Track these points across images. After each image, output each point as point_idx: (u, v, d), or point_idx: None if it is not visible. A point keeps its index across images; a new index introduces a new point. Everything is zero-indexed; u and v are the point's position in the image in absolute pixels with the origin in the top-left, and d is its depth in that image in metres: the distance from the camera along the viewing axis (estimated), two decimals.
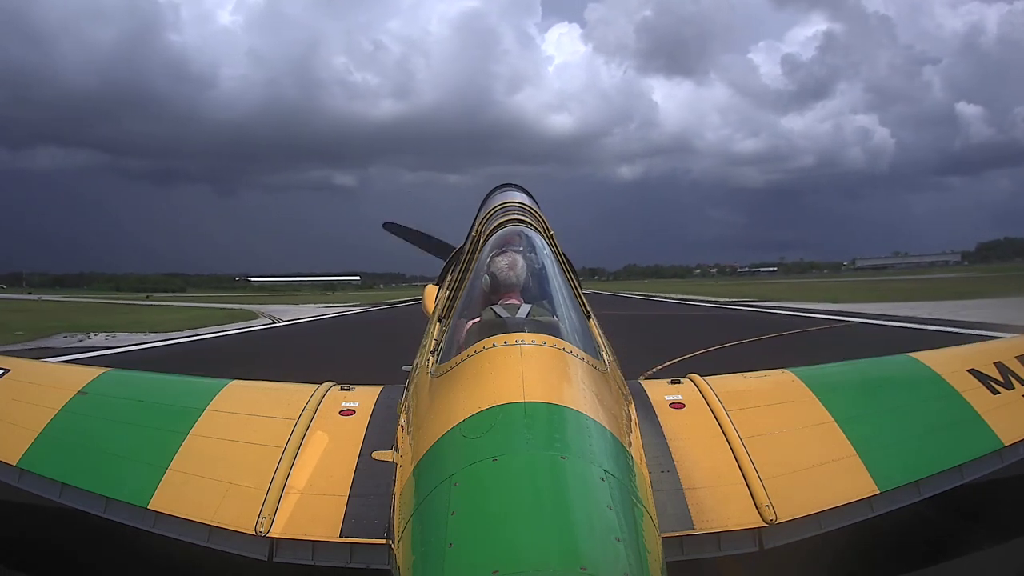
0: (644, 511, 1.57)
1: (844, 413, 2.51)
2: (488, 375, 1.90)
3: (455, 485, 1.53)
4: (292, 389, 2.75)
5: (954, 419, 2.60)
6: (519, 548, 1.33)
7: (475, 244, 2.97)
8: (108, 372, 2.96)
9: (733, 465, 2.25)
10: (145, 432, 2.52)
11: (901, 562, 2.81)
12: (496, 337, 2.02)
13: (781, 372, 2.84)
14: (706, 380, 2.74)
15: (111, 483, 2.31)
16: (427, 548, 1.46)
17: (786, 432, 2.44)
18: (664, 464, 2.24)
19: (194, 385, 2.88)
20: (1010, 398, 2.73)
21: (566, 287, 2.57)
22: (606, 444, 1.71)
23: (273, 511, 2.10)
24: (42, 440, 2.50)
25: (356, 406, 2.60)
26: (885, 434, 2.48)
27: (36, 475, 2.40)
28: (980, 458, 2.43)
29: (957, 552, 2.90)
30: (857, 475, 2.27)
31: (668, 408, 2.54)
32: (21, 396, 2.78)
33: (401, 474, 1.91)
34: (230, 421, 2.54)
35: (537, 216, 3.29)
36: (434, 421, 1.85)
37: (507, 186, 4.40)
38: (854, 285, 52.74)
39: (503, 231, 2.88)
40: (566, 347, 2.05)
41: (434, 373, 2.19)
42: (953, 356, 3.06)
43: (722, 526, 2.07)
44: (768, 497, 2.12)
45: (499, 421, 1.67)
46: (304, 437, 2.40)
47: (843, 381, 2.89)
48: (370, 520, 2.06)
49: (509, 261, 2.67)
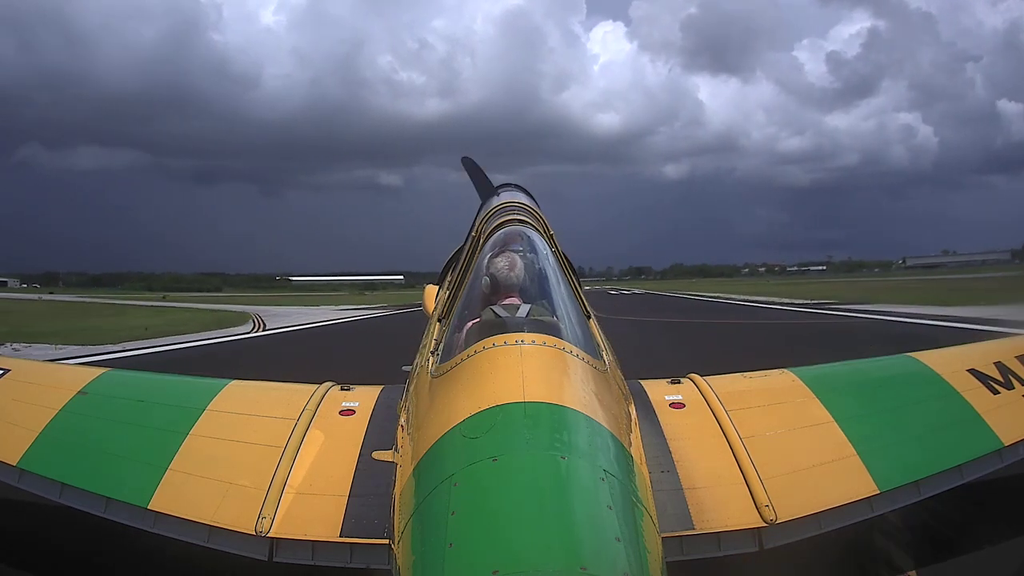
0: (644, 511, 1.57)
1: (844, 413, 2.51)
2: (488, 375, 1.90)
3: (455, 485, 1.53)
4: (292, 389, 2.75)
5: (954, 419, 2.60)
6: (519, 548, 1.33)
7: (475, 244, 2.97)
8: (108, 372, 2.96)
9: (733, 465, 2.25)
10: (145, 432, 2.52)
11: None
12: (496, 337, 2.02)
13: (781, 372, 2.84)
14: (706, 380, 2.74)
15: (111, 483, 2.32)
16: (427, 548, 1.46)
17: (786, 432, 2.44)
18: (664, 464, 2.24)
19: (194, 385, 2.88)
20: (1010, 398, 2.73)
21: (566, 287, 2.57)
22: (606, 444, 1.71)
23: (273, 511, 2.10)
24: (42, 440, 2.50)
25: (356, 406, 2.60)
26: (885, 434, 2.48)
27: (36, 475, 2.40)
28: (980, 458, 2.43)
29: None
30: (857, 475, 2.27)
31: (668, 408, 2.54)
32: (21, 396, 2.78)
33: (401, 474, 1.91)
34: (230, 421, 2.54)
35: (537, 216, 3.29)
36: (434, 421, 1.85)
37: (507, 186, 4.41)
38: (924, 285, 47.37)
39: (503, 231, 2.88)
40: (566, 347, 2.06)
41: (434, 373, 2.19)
42: (953, 356, 3.06)
43: (722, 526, 2.07)
44: (768, 497, 2.12)
45: (499, 421, 1.67)
46: (304, 437, 2.40)
47: (843, 381, 2.88)
48: (370, 520, 2.06)
49: (509, 261, 2.67)
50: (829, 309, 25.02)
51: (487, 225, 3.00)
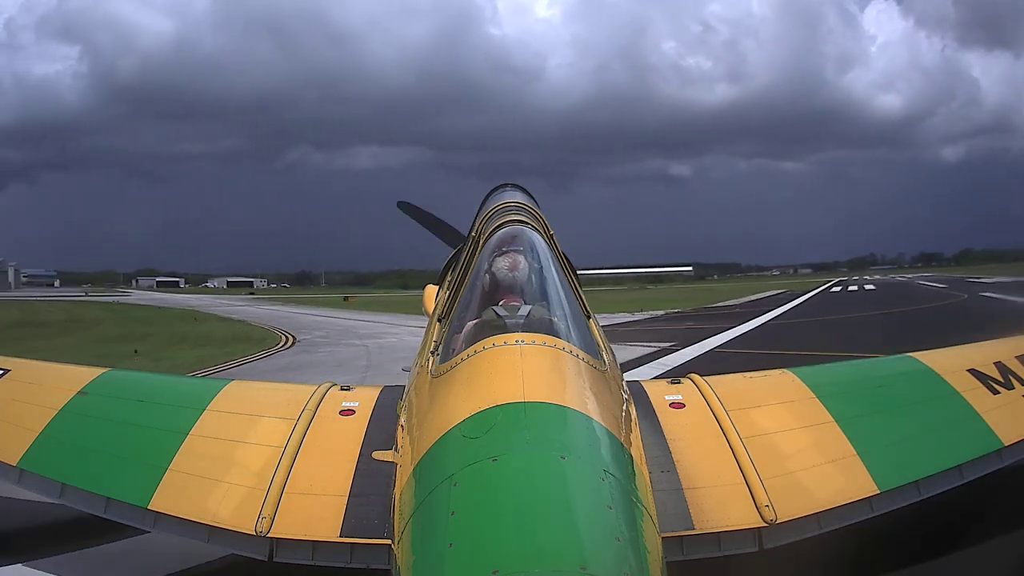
0: (644, 511, 1.57)
1: (844, 413, 2.50)
2: (488, 375, 1.90)
3: (455, 485, 1.52)
4: (292, 389, 2.75)
5: (954, 419, 2.59)
6: (519, 548, 1.33)
7: (475, 244, 2.97)
8: (108, 372, 2.96)
9: (733, 465, 2.25)
10: (145, 432, 2.52)
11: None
12: (496, 337, 2.02)
13: (781, 372, 2.83)
14: (706, 380, 2.74)
15: (111, 483, 2.31)
16: (427, 548, 1.46)
17: (786, 432, 2.43)
18: (664, 464, 2.24)
19: (194, 385, 2.89)
20: (1010, 398, 2.73)
21: (566, 287, 2.57)
22: (606, 444, 1.71)
23: (273, 511, 2.10)
24: (42, 440, 2.50)
25: (356, 406, 2.60)
26: (885, 434, 2.48)
27: (36, 475, 2.40)
28: (980, 458, 2.43)
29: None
30: (857, 475, 2.27)
31: (668, 408, 2.54)
32: (21, 396, 2.78)
33: (401, 474, 1.91)
34: (230, 421, 2.54)
35: (537, 216, 3.29)
36: (434, 421, 1.85)
37: (507, 186, 4.40)
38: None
39: (503, 231, 2.88)
40: (566, 347, 2.05)
41: (434, 373, 2.19)
42: (953, 356, 3.06)
43: (722, 526, 2.07)
44: (768, 497, 2.12)
45: (499, 421, 1.67)
46: (304, 437, 2.39)
47: (843, 381, 2.88)
48: (370, 520, 2.05)
49: (510, 262, 2.67)
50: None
51: (487, 225, 3.00)
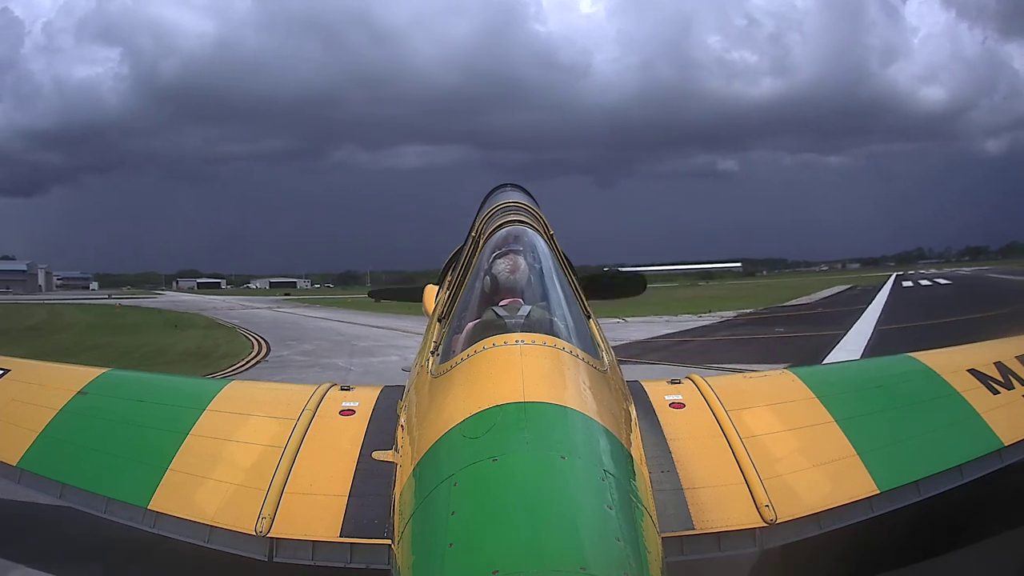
0: (644, 511, 1.57)
1: (844, 413, 2.50)
2: (488, 375, 1.89)
3: (455, 485, 1.52)
4: (292, 389, 2.75)
5: (954, 419, 2.60)
6: (519, 548, 1.33)
7: (475, 244, 2.96)
8: (108, 372, 2.96)
9: (733, 465, 2.25)
10: (145, 432, 2.52)
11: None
12: (496, 337, 2.02)
13: (781, 372, 2.84)
14: (706, 380, 2.74)
15: (111, 483, 2.32)
16: (427, 548, 1.46)
17: (786, 432, 2.43)
18: (664, 464, 2.24)
19: (194, 385, 2.89)
20: (1010, 398, 2.73)
21: (566, 287, 2.57)
22: (606, 444, 1.71)
23: (273, 511, 2.10)
24: (42, 440, 2.50)
25: (356, 406, 2.60)
26: (885, 434, 2.48)
27: (36, 475, 2.40)
28: (980, 458, 2.43)
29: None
30: (857, 475, 2.27)
31: (668, 408, 2.54)
32: (21, 396, 2.78)
33: (401, 474, 1.91)
34: (230, 421, 2.54)
35: (537, 216, 3.28)
36: (434, 421, 1.85)
37: (506, 186, 4.40)
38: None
39: (503, 231, 2.88)
40: (566, 347, 2.05)
41: (434, 373, 2.19)
42: (953, 356, 3.06)
43: (722, 526, 2.07)
44: (768, 497, 2.12)
45: (499, 421, 1.67)
46: (304, 437, 2.39)
47: (843, 381, 2.88)
48: (370, 520, 2.05)
49: (512, 263, 2.67)
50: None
51: (487, 225, 3.00)
